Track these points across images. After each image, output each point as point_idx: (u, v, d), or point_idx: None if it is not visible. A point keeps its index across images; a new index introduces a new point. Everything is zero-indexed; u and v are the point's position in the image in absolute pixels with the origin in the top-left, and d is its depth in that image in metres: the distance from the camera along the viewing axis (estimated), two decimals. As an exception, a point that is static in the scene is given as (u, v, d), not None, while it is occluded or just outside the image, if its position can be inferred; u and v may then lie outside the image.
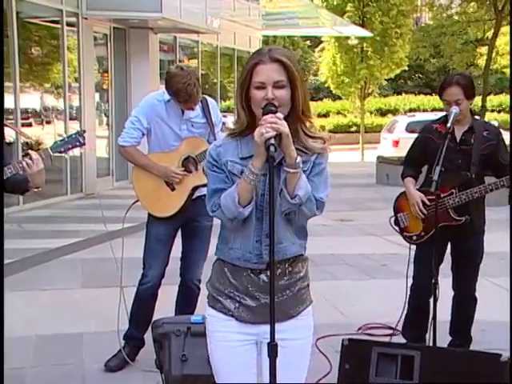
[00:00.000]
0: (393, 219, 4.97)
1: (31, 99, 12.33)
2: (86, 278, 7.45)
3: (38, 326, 5.79)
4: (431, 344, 4.43)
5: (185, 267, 4.92)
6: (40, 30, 12.61)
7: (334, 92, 28.46)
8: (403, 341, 4.95)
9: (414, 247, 4.92)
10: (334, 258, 8.44)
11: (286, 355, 2.72)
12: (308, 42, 37.37)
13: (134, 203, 4.81)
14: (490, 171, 4.73)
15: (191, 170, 4.70)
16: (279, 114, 2.54)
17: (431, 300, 4.60)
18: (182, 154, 4.70)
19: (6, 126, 5.03)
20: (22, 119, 11.50)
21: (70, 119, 12.80)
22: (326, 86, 29.38)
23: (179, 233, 4.92)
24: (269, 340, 2.49)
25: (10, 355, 3.76)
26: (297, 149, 2.58)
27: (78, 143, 3.69)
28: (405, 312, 4.93)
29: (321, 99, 36.28)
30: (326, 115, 32.20)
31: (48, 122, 12.65)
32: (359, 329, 5.67)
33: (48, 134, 12.22)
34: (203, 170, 4.48)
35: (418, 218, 4.78)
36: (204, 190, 3.24)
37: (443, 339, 4.82)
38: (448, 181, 4.58)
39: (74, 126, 12.50)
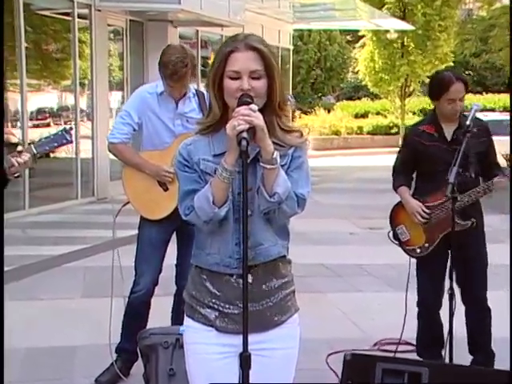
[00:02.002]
0: (391, 233, 4.92)
1: (39, 97, 12.42)
2: (87, 287, 7.49)
3: (29, 337, 5.82)
4: (448, 361, 4.38)
5: (180, 274, 4.88)
6: (49, 23, 12.67)
7: (372, 91, 28.28)
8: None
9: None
10: (356, 268, 8.38)
11: (270, 366, 2.71)
12: (348, 37, 37.09)
13: (125, 205, 4.81)
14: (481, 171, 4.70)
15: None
16: (253, 106, 2.51)
17: (441, 312, 4.54)
18: (175, 152, 4.66)
19: None
20: (29, 120, 11.60)
21: (85, 119, 12.87)
22: (363, 84, 29.23)
23: (174, 238, 4.90)
24: (252, 351, 2.47)
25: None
26: (273, 143, 2.56)
27: (64, 141, 3.70)
28: (405, 326, 4.89)
29: (359, 98, 36.06)
30: (364, 116, 31.93)
31: (57, 123, 12.71)
32: (375, 344, 5.62)
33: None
34: None
35: (420, 229, 4.73)
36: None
37: (463, 357, 4.76)
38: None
39: (85, 126, 12.58)
